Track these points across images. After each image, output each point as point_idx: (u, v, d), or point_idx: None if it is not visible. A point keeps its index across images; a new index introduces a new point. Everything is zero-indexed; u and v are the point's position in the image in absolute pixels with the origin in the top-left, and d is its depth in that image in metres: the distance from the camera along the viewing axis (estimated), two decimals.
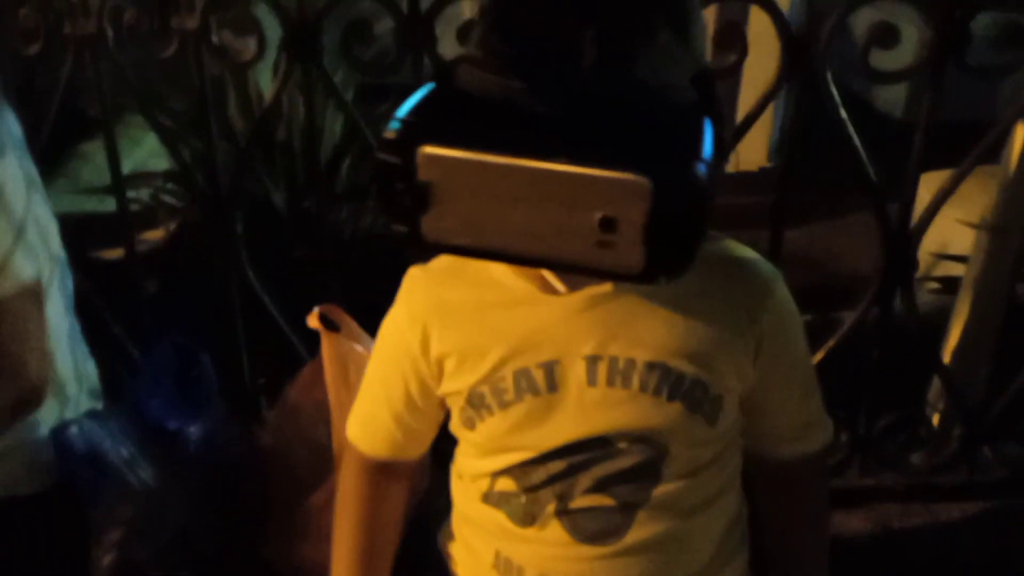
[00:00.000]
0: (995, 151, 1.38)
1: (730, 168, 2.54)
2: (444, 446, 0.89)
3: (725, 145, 0.86)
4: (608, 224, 0.59)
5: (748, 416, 0.82)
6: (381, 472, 0.90)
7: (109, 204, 1.62)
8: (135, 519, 1.10)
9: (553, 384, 0.75)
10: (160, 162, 2.25)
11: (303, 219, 2.10)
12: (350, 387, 1.17)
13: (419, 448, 0.90)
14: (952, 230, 1.61)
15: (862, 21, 1.25)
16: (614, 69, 0.60)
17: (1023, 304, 1.63)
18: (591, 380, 0.75)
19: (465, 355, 0.77)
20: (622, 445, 0.76)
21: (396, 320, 0.84)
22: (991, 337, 1.46)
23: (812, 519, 0.93)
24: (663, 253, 0.60)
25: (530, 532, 0.80)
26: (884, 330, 1.37)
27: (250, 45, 1.27)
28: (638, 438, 0.75)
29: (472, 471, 0.83)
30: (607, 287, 0.74)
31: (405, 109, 0.63)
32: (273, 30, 1.27)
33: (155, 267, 2.00)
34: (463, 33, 1.17)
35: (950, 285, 1.69)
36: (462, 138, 0.60)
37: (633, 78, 0.61)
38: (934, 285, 1.87)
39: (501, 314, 0.76)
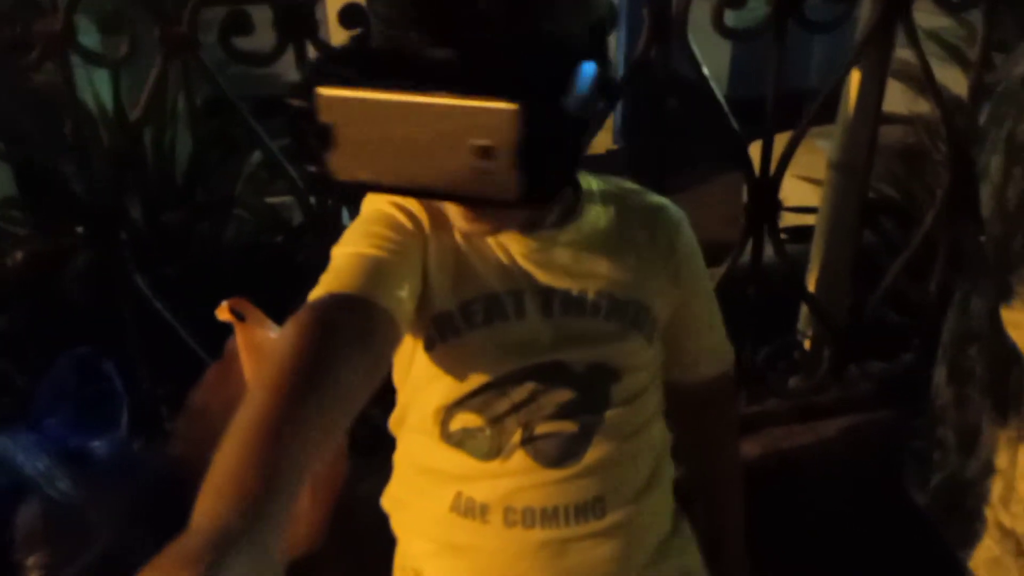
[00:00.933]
0: (830, 111, 1.54)
1: None
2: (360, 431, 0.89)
3: (614, 88, 0.93)
4: (486, 153, 0.63)
5: (670, 343, 0.92)
6: (344, 316, 0.70)
7: None
8: (59, 538, 1.06)
9: (521, 311, 0.82)
10: None
11: (162, 233, 2.05)
12: None
13: (392, 299, 0.74)
14: (794, 190, 1.79)
15: None
16: (507, 17, 0.66)
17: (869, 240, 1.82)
18: (548, 311, 0.83)
19: (444, 258, 0.82)
20: (579, 370, 0.83)
21: (384, 207, 0.82)
22: (848, 264, 1.62)
23: (730, 434, 1.04)
24: (535, 178, 0.65)
25: (494, 465, 0.84)
26: (756, 268, 1.50)
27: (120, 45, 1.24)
28: (592, 363, 0.83)
29: (428, 411, 0.85)
30: (555, 232, 0.83)
31: (313, 61, 0.68)
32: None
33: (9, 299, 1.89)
34: (345, 16, 1.19)
35: (800, 235, 1.87)
36: (355, 80, 0.65)
37: (525, 25, 0.67)
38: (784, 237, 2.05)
39: (468, 246, 0.82)
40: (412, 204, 0.82)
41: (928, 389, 1.45)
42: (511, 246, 0.83)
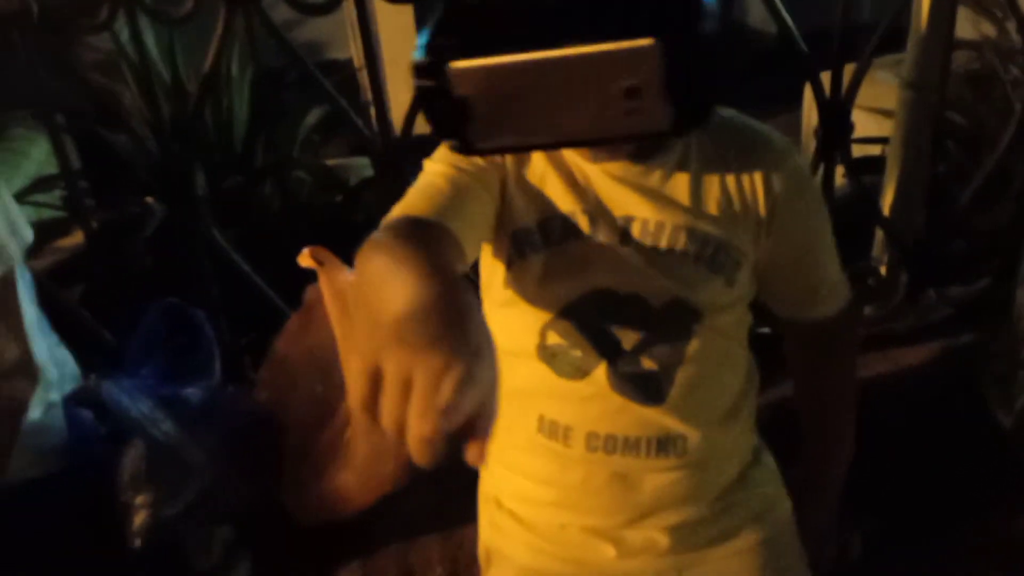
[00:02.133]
0: (891, 44, 1.49)
1: None
2: None
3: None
4: (633, 92, 0.63)
5: (775, 282, 0.87)
6: (420, 229, 0.70)
7: None
8: (162, 477, 1.11)
9: (596, 231, 0.80)
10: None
11: (226, 196, 2.10)
12: (350, 314, 1.18)
13: (465, 228, 0.73)
14: (858, 122, 1.75)
15: None
16: None
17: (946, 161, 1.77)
18: (625, 239, 0.80)
19: (520, 185, 0.81)
20: (656, 305, 0.81)
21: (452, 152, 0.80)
22: (922, 186, 1.58)
23: (847, 375, 0.99)
24: (686, 106, 0.64)
25: (580, 386, 0.84)
26: (828, 192, 1.47)
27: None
28: (671, 299, 0.81)
29: (515, 329, 0.85)
30: (649, 163, 0.80)
31: (426, 34, 0.66)
32: None
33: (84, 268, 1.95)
34: None
35: (867, 166, 1.82)
36: (483, 47, 0.63)
37: None
38: None
39: (550, 166, 0.81)
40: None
41: (1008, 311, 1.42)
42: (601, 173, 0.81)
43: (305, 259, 1.24)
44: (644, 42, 0.61)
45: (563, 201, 0.81)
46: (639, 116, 0.64)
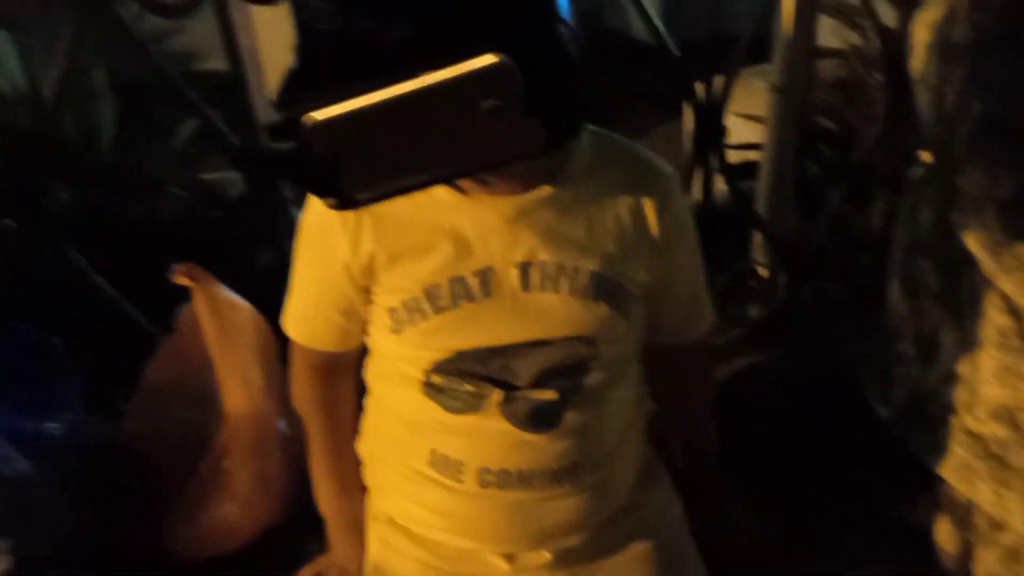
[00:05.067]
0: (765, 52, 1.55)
1: None
2: None
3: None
4: (496, 113, 0.61)
5: (655, 307, 0.87)
6: (330, 368, 0.90)
7: None
8: (24, 518, 1.02)
9: (488, 290, 0.78)
10: None
11: (91, 213, 1.97)
12: (228, 334, 1.13)
13: (360, 337, 0.88)
14: (735, 129, 1.81)
15: None
16: None
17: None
18: (525, 285, 0.78)
19: (397, 257, 0.78)
20: (555, 342, 0.80)
21: (322, 218, 0.80)
22: (792, 190, 1.64)
23: (709, 387, 1.05)
24: (552, 120, 0.64)
25: (471, 420, 0.81)
26: (707, 194, 1.51)
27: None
28: (569, 337, 0.80)
29: (406, 368, 0.83)
30: (531, 195, 0.77)
31: (277, 96, 0.63)
32: None
33: None
34: None
35: (745, 171, 1.88)
36: (334, 94, 0.61)
37: None
38: None
39: (432, 218, 0.78)
40: (332, 216, 0.78)
41: (880, 306, 1.47)
42: (486, 212, 0.77)
43: (179, 276, 1.17)
44: (492, 59, 0.59)
45: (453, 262, 0.78)
46: (508, 138, 0.63)
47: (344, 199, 0.67)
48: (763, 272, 1.70)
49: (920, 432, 1.23)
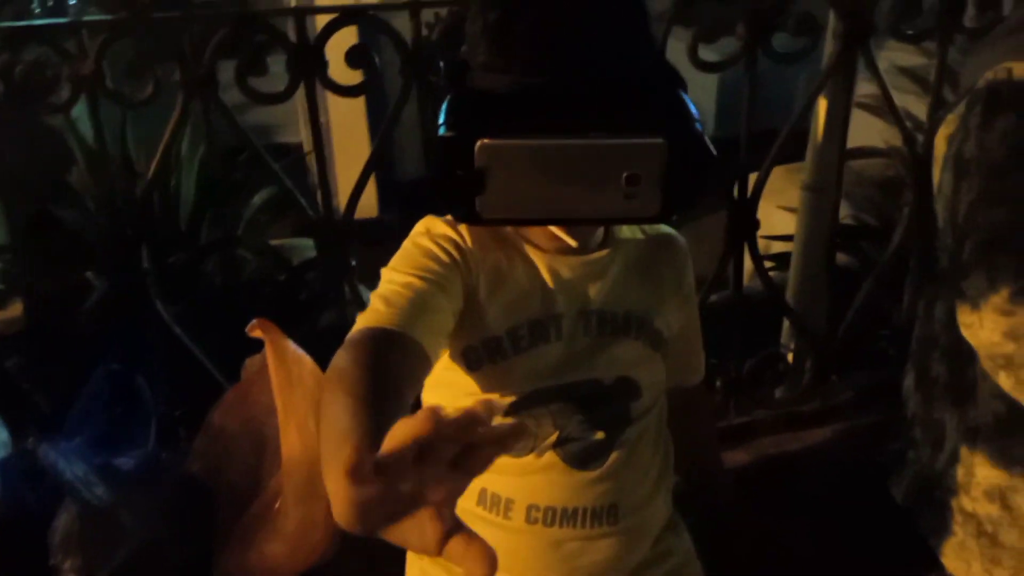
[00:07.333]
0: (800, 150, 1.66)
1: None
2: None
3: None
4: (633, 180, 0.73)
5: (673, 356, 1.01)
6: (387, 342, 0.74)
7: None
8: (93, 541, 1.13)
9: (560, 334, 0.89)
10: None
11: (169, 273, 2.13)
12: (293, 385, 1.25)
13: (430, 335, 0.78)
14: (781, 220, 1.91)
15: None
16: (615, 53, 0.76)
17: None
18: (585, 330, 0.90)
19: (494, 289, 0.87)
20: (608, 383, 0.91)
21: (438, 230, 0.86)
22: (823, 281, 1.72)
23: (712, 425, 1.22)
24: (677, 196, 0.75)
25: (525, 462, 0.90)
26: (738, 282, 1.60)
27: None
28: (619, 377, 0.92)
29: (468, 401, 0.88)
30: (594, 255, 0.91)
31: (450, 113, 0.74)
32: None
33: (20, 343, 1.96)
34: (352, 56, 1.30)
35: (781, 260, 1.98)
36: (511, 129, 0.72)
37: (630, 59, 0.77)
38: (769, 264, 2.16)
39: (524, 272, 0.89)
40: (455, 234, 0.86)
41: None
42: (560, 268, 0.89)
43: (254, 330, 1.30)
44: (654, 140, 0.72)
45: (534, 308, 0.89)
46: (634, 201, 0.74)
47: (472, 215, 0.76)
48: (791, 358, 1.77)
49: (927, 514, 1.29)
